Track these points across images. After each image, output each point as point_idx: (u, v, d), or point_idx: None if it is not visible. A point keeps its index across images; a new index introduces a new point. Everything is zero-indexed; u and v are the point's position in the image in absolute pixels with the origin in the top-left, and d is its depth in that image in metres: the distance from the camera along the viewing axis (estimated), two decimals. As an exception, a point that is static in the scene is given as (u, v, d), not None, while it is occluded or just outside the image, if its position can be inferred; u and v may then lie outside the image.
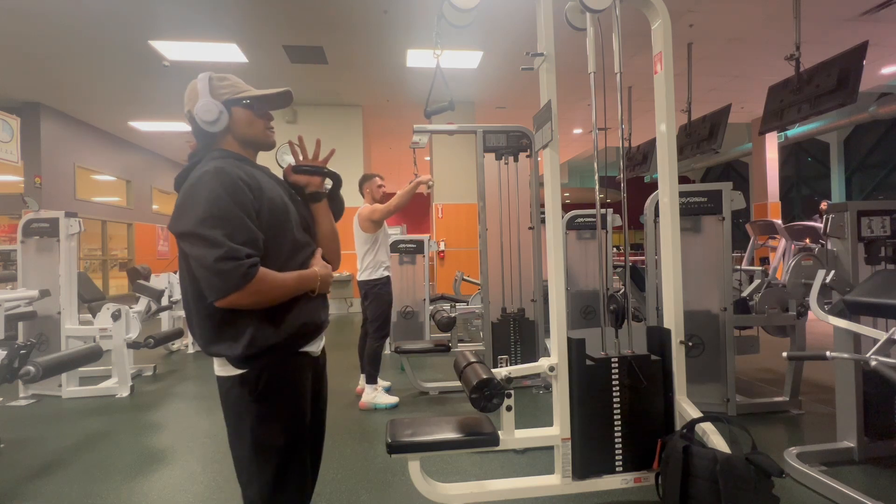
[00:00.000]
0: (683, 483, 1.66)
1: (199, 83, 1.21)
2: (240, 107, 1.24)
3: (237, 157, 1.23)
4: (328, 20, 5.52)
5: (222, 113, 1.20)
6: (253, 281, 1.08)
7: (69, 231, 3.92)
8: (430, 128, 3.71)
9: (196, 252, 1.07)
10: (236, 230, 1.08)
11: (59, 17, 5.24)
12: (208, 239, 1.06)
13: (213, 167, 1.13)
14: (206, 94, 1.20)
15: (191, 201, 1.09)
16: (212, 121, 1.20)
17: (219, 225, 1.07)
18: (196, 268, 1.09)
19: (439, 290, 7.96)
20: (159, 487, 2.32)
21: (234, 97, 1.23)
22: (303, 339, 1.22)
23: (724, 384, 2.99)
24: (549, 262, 1.99)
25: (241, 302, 1.09)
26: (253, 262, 1.08)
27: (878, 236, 2.46)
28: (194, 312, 1.16)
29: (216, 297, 1.07)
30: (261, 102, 1.27)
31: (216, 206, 1.08)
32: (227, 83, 1.24)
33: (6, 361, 2.57)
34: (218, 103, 1.20)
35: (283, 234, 1.20)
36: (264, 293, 1.11)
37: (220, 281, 1.05)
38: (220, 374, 1.19)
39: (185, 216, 1.09)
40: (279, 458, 1.17)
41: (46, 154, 8.25)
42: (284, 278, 1.16)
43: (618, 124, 2.10)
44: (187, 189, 1.12)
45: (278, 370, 1.18)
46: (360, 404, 3.41)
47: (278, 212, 1.20)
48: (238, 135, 1.25)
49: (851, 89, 3.84)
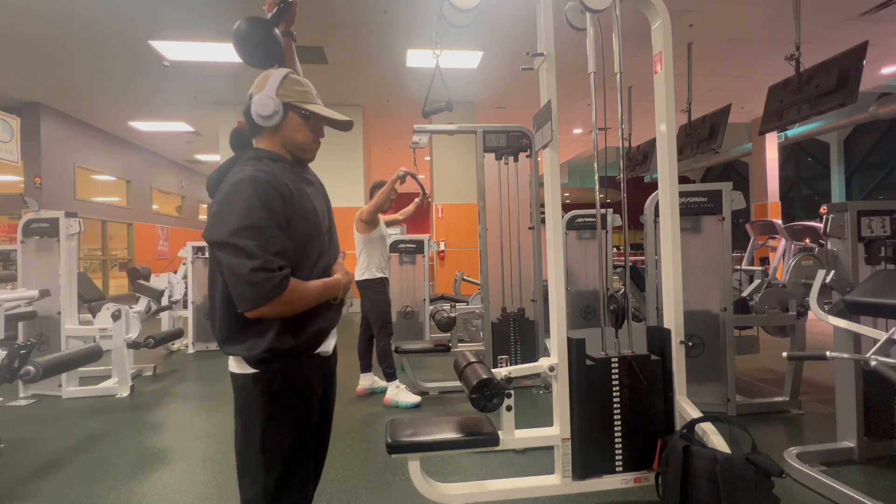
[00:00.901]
0: (683, 483, 1.66)
1: (273, 77, 1.22)
2: (298, 114, 1.24)
3: (273, 158, 1.22)
4: (328, 20, 5.52)
5: (277, 112, 1.20)
6: (285, 293, 1.09)
7: (69, 231, 3.92)
8: (430, 128, 3.71)
9: (230, 262, 1.07)
10: (269, 241, 1.09)
11: (59, 17, 5.24)
12: (243, 249, 1.06)
13: (248, 175, 1.13)
14: (272, 90, 1.20)
15: (226, 210, 1.09)
16: (265, 115, 1.19)
17: (253, 236, 1.07)
18: (229, 277, 1.09)
19: (439, 290, 7.95)
20: (159, 487, 2.32)
21: (297, 103, 1.23)
22: (317, 343, 1.24)
23: (724, 384, 2.99)
24: (549, 262, 1.99)
25: (270, 313, 1.10)
26: (285, 275, 1.09)
27: (878, 236, 2.46)
28: (220, 313, 1.17)
29: (248, 307, 1.08)
30: (319, 120, 1.27)
31: (251, 216, 1.08)
32: (298, 88, 1.24)
33: (6, 361, 2.57)
34: (278, 102, 1.20)
35: (312, 243, 1.21)
36: (293, 303, 1.13)
37: (254, 292, 1.06)
38: (235, 371, 1.19)
39: (220, 225, 1.09)
40: (285, 459, 1.18)
41: (46, 154, 8.25)
42: (311, 288, 1.17)
43: (618, 124, 2.10)
44: (223, 197, 1.12)
45: (292, 372, 1.19)
46: (385, 400, 3.45)
47: (309, 219, 1.21)
48: (285, 137, 1.25)
49: (851, 89, 3.84)
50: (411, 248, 5.24)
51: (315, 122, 1.27)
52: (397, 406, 3.40)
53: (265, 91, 1.20)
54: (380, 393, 3.62)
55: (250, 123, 1.24)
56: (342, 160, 8.36)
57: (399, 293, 5.16)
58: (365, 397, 3.66)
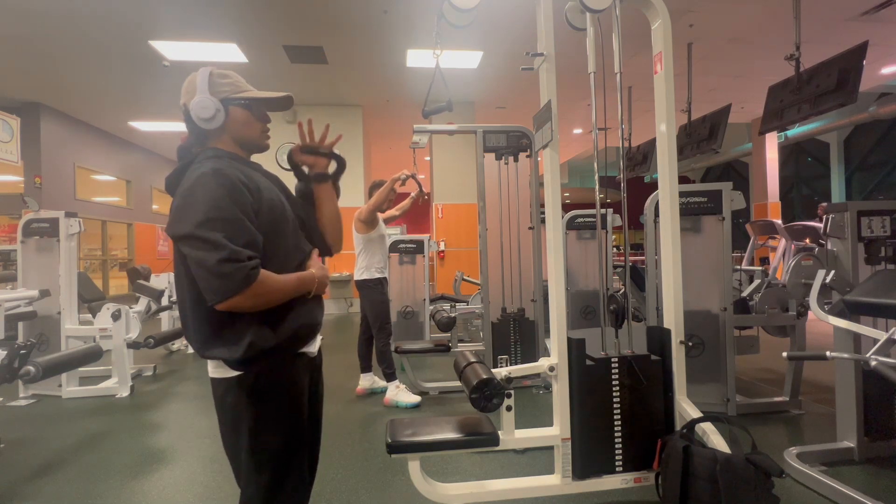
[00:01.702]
0: (683, 483, 1.66)
1: (199, 77, 1.18)
2: (238, 107, 1.21)
3: (232, 157, 1.20)
4: (328, 20, 5.52)
5: (219, 111, 1.17)
6: (255, 283, 1.06)
7: (69, 231, 3.92)
8: (430, 128, 3.71)
9: (197, 255, 1.04)
10: (237, 232, 1.06)
11: (59, 17, 5.24)
12: (209, 241, 1.03)
13: (210, 168, 1.10)
14: (204, 90, 1.17)
15: (190, 203, 1.06)
16: (207, 118, 1.16)
17: (219, 227, 1.04)
18: (196, 270, 1.07)
19: (439, 290, 7.96)
20: (159, 487, 2.32)
21: (233, 96, 1.20)
22: (300, 341, 1.22)
23: (724, 384, 2.99)
24: (549, 262, 1.99)
25: (241, 305, 1.07)
26: (254, 265, 1.07)
27: (878, 236, 2.46)
28: (191, 316, 1.14)
29: (217, 299, 1.05)
30: (260, 104, 1.25)
31: (216, 207, 1.05)
32: (227, 80, 1.21)
33: (6, 361, 2.57)
34: (216, 101, 1.17)
35: (281, 236, 1.19)
36: (265, 295, 1.10)
37: (222, 283, 1.03)
38: (215, 377, 1.16)
39: (184, 219, 1.06)
40: (277, 460, 1.16)
41: (46, 154, 8.25)
42: (284, 280, 1.15)
43: (618, 124, 2.10)
44: (185, 191, 1.09)
45: (276, 372, 1.17)
46: (385, 401, 3.46)
47: (276, 213, 1.19)
48: (234, 135, 1.23)
49: (851, 89, 3.84)
50: (411, 248, 5.23)
51: (257, 108, 1.24)
52: (397, 406, 3.40)
53: (198, 94, 1.17)
54: (380, 393, 3.63)
55: (195, 132, 1.20)
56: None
57: (399, 293, 5.16)
58: (365, 397, 3.66)
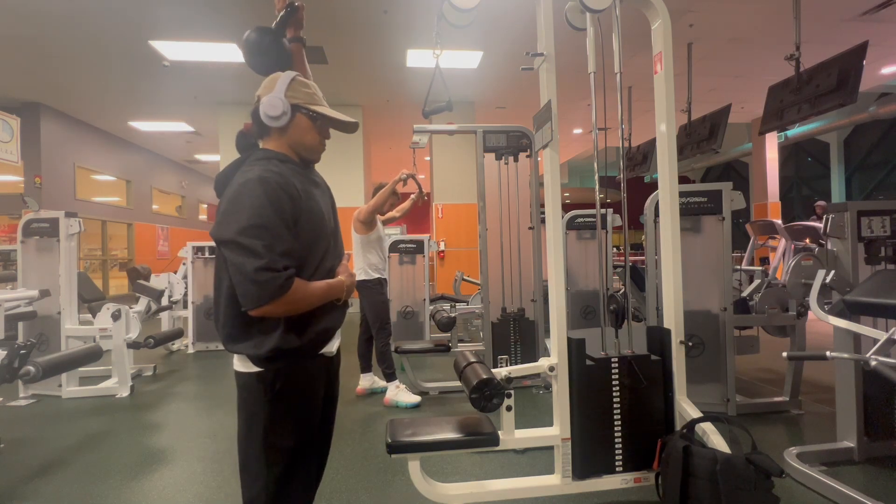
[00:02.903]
0: (683, 483, 1.66)
1: (281, 79, 1.24)
2: (305, 116, 1.26)
3: (281, 159, 1.24)
4: (328, 20, 5.52)
5: (285, 114, 1.22)
6: (289, 293, 1.10)
7: (69, 231, 3.92)
8: (430, 128, 3.71)
9: (236, 260, 1.08)
10: (276, 241, 1.10)
11: (59, 17, 5.24)
12: (249, 248, 1.07)
13: (257, 175, 1.14)
14: (280, 91, 1.22)
15: (234, 209, 1.11)
16: (273, 116, 1.21)
17: (260, 235, 1.08)
18: (234, 275, 1.10)
19: (439, 290, 7.96)
20: (159, 487, 2.32)
21: (304, 105, 1.25)
22: (322, 344, 1.25)
23: (724, 384, 2.99)
24: (549, 262, 1.99)
25: (274, 312, 1.12)
26: (290, 275, 1.10)
27: (878, 236, 2.46)
28: (224, 311, 1.18)
29: (252, 306, 1.09)
30: (326, 121, 1.29)
31: (259, 215, 1.09)
32: (305, 90, 1.26)
33: (6, 361, 2.57)
34: (286, 103, 1.22)
35: (318, 243, 1.22)
36: (296, 303, 1.14)
37: (258, 290, 1.07)
38: (239, 370, 1.20)
39: (228, 224, 1.10)
40: (288, 458, 1.19)
41: (46, 154, 8.25)
42: (315, 289, 1.18)
43: (618, 124, 2.10)
44: (231, 196, 1.13)
45: (296, 372, 1.20)
46: (385, 401, 3.46)
47: (316, 221, 1.22)
48: (293, 139, 1.27)
49: (851, 89, 3.84)
50: (411, 248, 5.24)
51: (322, 123, 1.29)
52: (397, 406, 3.40)
53: (274, 92, 1.22)
54: (380, 393, 3.63)
55: (258, 124, 1.25)
56: (342, 160, 8.36)
57: (399, 293, 5.16)
58: (365, 397, 3.66)
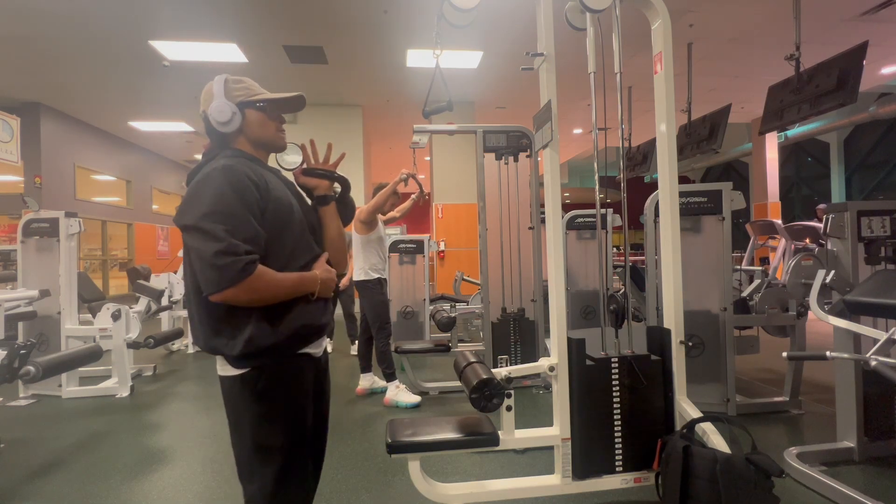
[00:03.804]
0: (683, 483, 1.66)
1: (215, 85, 1.24)
2: (253, 109, 1.27)
3: (249, 157, 1.26)
4: (328, 20, 5.52)
5: (235, 114, 1.23)
6: (250, 277, 1.09)
7: (69, 231, 3.92)
8: (430, 128, 3.71)
9: (196, 245, 1.09)
10: (238, 226, 1.10)
11: (59, 17, 5.24)
12: (209, 233, 1.07)
13: (222, 164, 1.15)
14: (220, 96, 1.23)
15: (197, 196, 1.12)
16: (225, 121, 1.23)
17: (221, 220, 1.08)
18: (195, 261, 1.11)
19: (439, 290, 7.95)
20: (159, 487, 2.32)
21: (247, 99, 1.26)
22: (302, 341, 1.23)
23: (724, 384, 2.99)
24: (549, 262, 1.99)
25: (236, 297, 1.10)
26: (251, 259, 1.09)
27: (878, 236, 2.46)
28: (194, 307, 1.18)
29: (212, 290, 1.08)
30: (273, 106, 1.30)
31: (221, 201, 1.10)
32: (241, 86, 1.27)
33: (6, 361, 2.57)
34: (232, 104, 1.23)
35: (286, 235, 1.21)
36: (261, 291, 1.12)
37: (217, 275, 1.07)
38: (222, 374, 1.20)
39: (190, 210, 1.11)
40: (280, 457, 1.18)
41: (46, 154, 8.24)
42: (283, 278, 1.17)
43: (618, 124, 2.10)
44: (195, 184, 1.15)
45: (278, 371, 1.19)
46: (385, 400, 3.46)
47: (283, 212, 1.22)
48: (251, 136, 1.28)
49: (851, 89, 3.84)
50: (411, 248, 5.23)
51: (271, 109, 1.29)
52: (397, 406, 3.40)
53: (216, 100, 1.23)
54: (380, 393, 3.63)
55: (215, 136, 1.26)
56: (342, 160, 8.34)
57: (399, 293, 5.16)
58: (365, 397, 3.66)
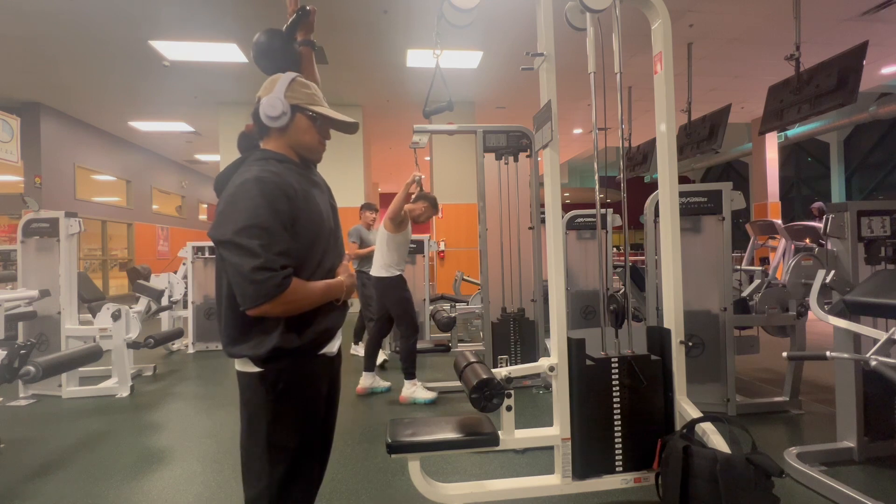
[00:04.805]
0: (683, 483, 1.66)
1: (281, 80, 1.24)
2: (305, 116, 1.26)
3: (280, 159, 1.24)
4: (328, 20, 5.52)
5: (285, 114, 1.22)
6: (286, 292, 1.10)
7: (69, 231, 3.92)
8: (430, 128, 3.71)
9: (234, 260, 1.09)
10: (273, 241, 1.10)
11: (59, 17, 5.24)
12: (246, 248, 1.07)
13: (254, 175, 1.14)
14: (280, 91, 1.22)
15: (232, 209, 1.11)
16: (273, 116, 1.22)
17: (257, 235, 1.08)
18: (232, 276, 1.11)
19: (439, 290, 7.95)
20: (159, 487, 2.32)
21: (304, 105, 1.26)
22: (323, 344, 1.25)
23: (724, 384, 2.99)
24: (549, 262, 1.99)
25: (272, 311, 1.11)
26: (287, 274, 1.10)
27: (878, 236, 2.46)
28: (224, 312, 1.18)
29: (249, 305, 1.09)
30: (325, 121, 1.30)
31: (256, 215, 1.09)
32: (305, 91, 1.27)
33: (6, 361, 2.57)
34: (286, 103, 1.22)
35: (316, 244, 1.22)
36: (294, 303, 1.14)
37: (255, 290, 1.07)
38: (241, 370, 1.21)
39: (225, 224, 1.10)
40: (290, 457, 1.19)
41: (46, 154, 8.25)
42: (313, 289, 1.18)
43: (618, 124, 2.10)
44: (228, 196, 1.14)
45: (297, 372, 1.20)
46: (401, 398, 3.48)
47: (315, 221, 1.22)
48: (293, 139, 1.27)
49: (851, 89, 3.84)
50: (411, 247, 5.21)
51: (322, 123, 1.29)
52: (414, 403, 3.42)
53: (273, 93, 1.22)
54: (380, 393, 3.62)
55: (258, 125, 1.26)
56: (342, 160, 8.36)
57: (399, 293, 5.15)
58: (365, 397, 3.65)
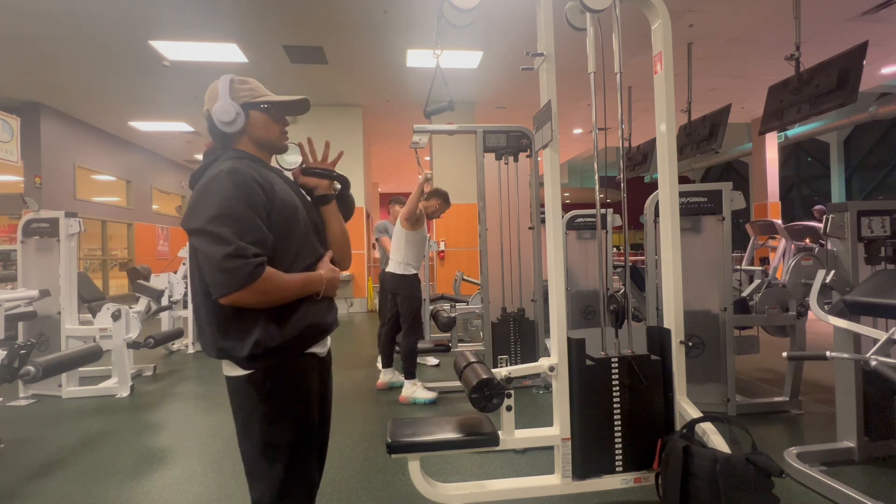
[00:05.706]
0: (683, 483, 1.66)
1: (220, 84, 1.24)
2: (257, 110, 1.26)
3: (252, 158, 1.25)
4: (328, 20, 5.52)
5: (239, 115, 1.22)
6: (258, 280, 1.09)
7: (69, 231, 3.92)
8: (430, 128, 3.71)
9: (205, 248, 1.09)
10: (246, 229, 1.10)
11: (59, 17, 5.24)
12: (217, 236, 1.07)
13: (227, 167, 1.15)
14: (225, 96, 1.22)
15: (204, 199, 1.11)
16: (228, 121, 1.22)
17: (229, 223, 1.08)
18: (204, 264, 1.11)
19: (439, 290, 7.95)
20: (159, 487, 2.32)
21: (252, 101, 1.26)
22: (308, 341, 1.24)
23: (724, 384, 2.99)
24: (549, 262, 1.99)
25: (245, 300, 1.10)
26: (260, 262, 1.10)
27: (878, 236, 2.46)
28: (203, 310, 1.18)
29: (221, 293, 1.09)
30: (278, 108, 1.30)
31: (228, 204, 1.10)
32: (247, 87, 1.27)
33: (6, 361, 2.57)
34: (236, 105, 1.22)
35: (291, 236, 1.22)
36: (269, 293, 1.13)
37: (226, 278, 1.07)
38: (229, 375, 1.20)
39: (197, 213, 1.11)
40: (286, 457, 1.19)
41: (46, 154, 8.24)
42: (290, 279, 1.17)
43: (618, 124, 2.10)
44: (201, 187, 1.14)
45: (285, 371, 1.20)
46: (400, 398, 3.48)
47: (288, 213, 1.22)
48: (254, 137, 1.28)
49: (851, 89, 3.84)
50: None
51: (275, 111, 1.29)
52: (414, 403, 3.42)
53: (220, 99, 1.22)
54: (397, 388, 3.64)
55: (218, 136, 1.26)
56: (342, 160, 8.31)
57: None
58: (365, 396, 3.66)
